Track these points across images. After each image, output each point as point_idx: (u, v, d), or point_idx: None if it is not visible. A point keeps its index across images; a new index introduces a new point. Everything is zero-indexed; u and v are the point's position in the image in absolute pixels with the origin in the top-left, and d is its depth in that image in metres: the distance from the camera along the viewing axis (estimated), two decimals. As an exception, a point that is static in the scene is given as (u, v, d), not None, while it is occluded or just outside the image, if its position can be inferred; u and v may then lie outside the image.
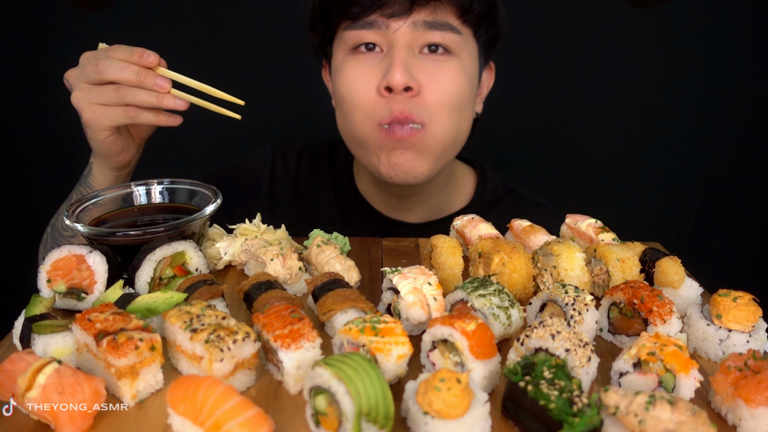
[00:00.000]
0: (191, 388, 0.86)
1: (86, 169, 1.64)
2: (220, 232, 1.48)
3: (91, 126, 1.45)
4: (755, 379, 0.91)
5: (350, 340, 0.98)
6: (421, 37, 1.55)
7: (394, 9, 1.52)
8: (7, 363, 0.91)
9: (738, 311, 1.09)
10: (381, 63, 1.57)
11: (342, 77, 1.63)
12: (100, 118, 1.42)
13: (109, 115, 1.42)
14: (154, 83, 1.38)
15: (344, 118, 1.67)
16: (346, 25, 1.60)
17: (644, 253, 1.33)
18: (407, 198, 1.86)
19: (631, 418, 0.84)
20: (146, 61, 1.38)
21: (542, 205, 2.02)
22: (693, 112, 2.92)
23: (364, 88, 1.58)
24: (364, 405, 0.82)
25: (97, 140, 1.48)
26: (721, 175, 3.03)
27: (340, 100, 1.66)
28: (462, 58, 1.61)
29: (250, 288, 1.17)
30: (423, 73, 1.56)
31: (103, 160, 1.56)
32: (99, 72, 1.38)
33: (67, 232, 1.68)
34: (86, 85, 1.42)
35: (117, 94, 1.39)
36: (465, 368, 0.97)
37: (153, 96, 1.39)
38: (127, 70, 1.37)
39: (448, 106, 1.59)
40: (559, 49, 2.78)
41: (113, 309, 1.00)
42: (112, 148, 1.51)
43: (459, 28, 1.58)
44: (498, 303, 1.11)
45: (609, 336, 1.18)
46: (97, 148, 1.52)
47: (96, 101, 1.41)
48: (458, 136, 1.69)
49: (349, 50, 1.62)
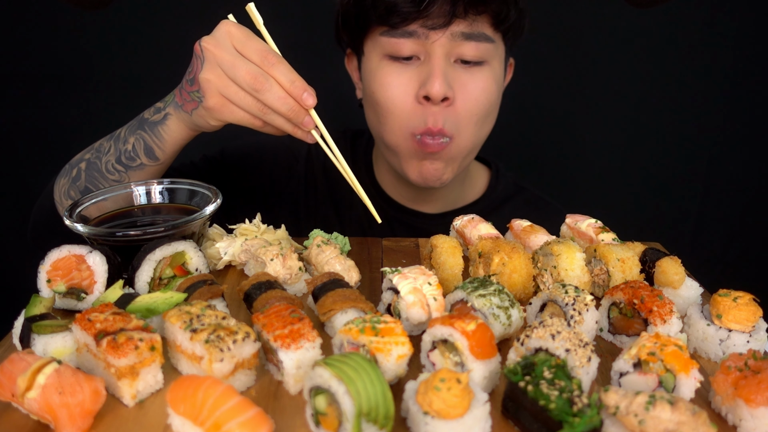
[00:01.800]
0: (191, 388, 0.86)
1: (155, 115, 1.51)
2: (220, 232, 1.48)
3: (211, 113, 1.35)
4: (755, 379, 0.91)
5: (350, 340, 0.98)
6: (458, 47, 1.58)
7: (434, 21, 1.54)
8: (7, 363, 0.91)
9: (738, 311, 1.09)
10: (418, 71, 1.60)
11: (378, 83, 1.65)
12: (226, 113, 1.33)
13: (236, 115, 1.33)
14: (301, 122, 1.32)
15: (378, 122, 1.71)
16: (383, 31, 1.60)
17: (644, 253, 1.33)
18: (424, 192, 1.91)
19: (631, 418, 0.84)
20: (304, 102, 1.29)
21: (551, 205, 2.06)
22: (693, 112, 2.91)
23: (400, 96, 1.61)
24: (364, 405, 0.82)
25: (206, 122, 1.40)
26: (721, 175, 3.03)
27: (374, 104, 1.69)
28: (493, 64, 1.66)
29: (250, 288, 1.17)
30: (457, 82, 1.60)
31: (192, 124, 1.46)
32: (254, 89, 1.27)
33: (112, 176, 1.55)
34: (227, 79, 1.29)
35: (258, 110, 1.30)
36: (465, 368, 0.97)
37: (291, 127, 1.33)
38: (283, 101, 1.28)
39: (476, 116, 1.65)
40: (559, 49, 2.78)
41: (113, 309, 1.00)
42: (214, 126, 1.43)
43: (493, 36, 1.61)
44: (498, 303, 1.11)
45: (609, 336, 1.18)
46: (198, 123, 1.43)
47: (232, 100, 1.31)
48: (481, 142, 1.76)
49: (384, 55, 1.63)
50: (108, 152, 1.57)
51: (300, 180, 2.00)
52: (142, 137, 1.53)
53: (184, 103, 1.43)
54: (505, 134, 2.76)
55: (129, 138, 1.54)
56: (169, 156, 1.56)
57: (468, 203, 1.99)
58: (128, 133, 1.55)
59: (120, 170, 1.56)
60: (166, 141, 1.51)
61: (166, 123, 1.49)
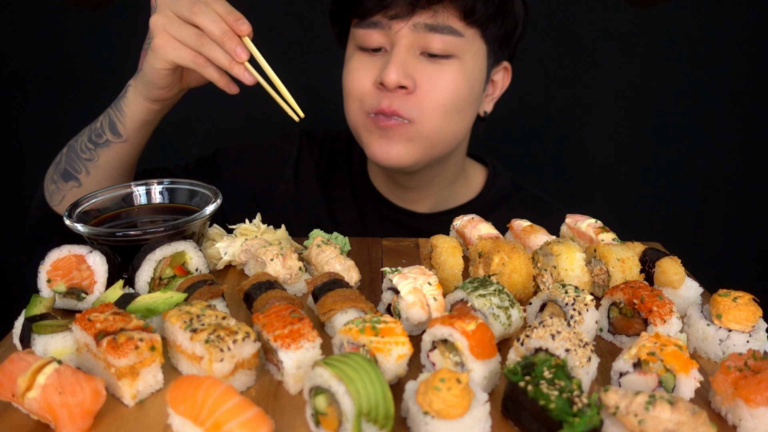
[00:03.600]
0: (191, 388, 0.86)
1: (121, 92, 1.61)
2: (220, 232, 1.48)
3: (156, 52, 1.43)
4: (755, 379, 0.91)
5: (350, 340, 0.98)
6: (422, 39, 1.59)
7: (396, 11, 1.57)
8: (7, 363, 0.91)
9: (738, 311, 1.09)
10: (382, 61, 1.64)
11: (346, 70, 1.72)
12: (169, 50, 1.40)
13: (179, 52, 1.40)
14: (234, 48, 1.37)
15: (345, 108, 1.76)
16: (356, 23, 1.67)
17: (644, 253, 1.33)
18: (413, 190, 1.92)
19: (631, 418, 0.84)
20: (237, 27, 1.38)
21: (551, 204, 2.05)
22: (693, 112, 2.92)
23: (360, 81, 1.66)
24: (364, 405, 0.82)
25: (153, 67, 1.46)
26: (721, 176, 3.03)
27: (343, 91, 1.75)
28: (464, 59, 1.63)
29: (250, 288, 1.17)
30: (421, 73, 1.61)
31: (145, 87, 1.53)
32: (191, 12, 1.37)
33: (84, 155, 1.65)
34: (172, 15, 1.40)
35: (196, 40, 1.38)
36: (465, 368, 0.97)
37: (227, 59, 1.38)
38: (217, 24, 1.37)
39: (443, 107, 1.63)
40: (559, 49, 2.78)
41: (113, 309, 1.00)
42: (161, 80, 1.49)
43: (462, 30, 1.60)
44: (498, 303, 1.11)
45: (609, 336, 1.18)
46: (148, 72, 1.49)
47: (174, 34, 1.40)
48: (453, 136, 1.72)
49: (357, 47, 1.69)
50: (83, 133, 1.66)
51: (290, 181, 2.02)
52: (107, 113, 1.62)
53: (140, 62, 1.52)
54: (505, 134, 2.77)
55: (99, 118, 1.64)
56: (132, 132, 1.60)
57: (463, 202, 1.99)
58: (101, 115, 1.64)
59: (90, 148, 1.62)
60: (126, 114, 1.58)
61: (126, 96, 1.58)
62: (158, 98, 1.54)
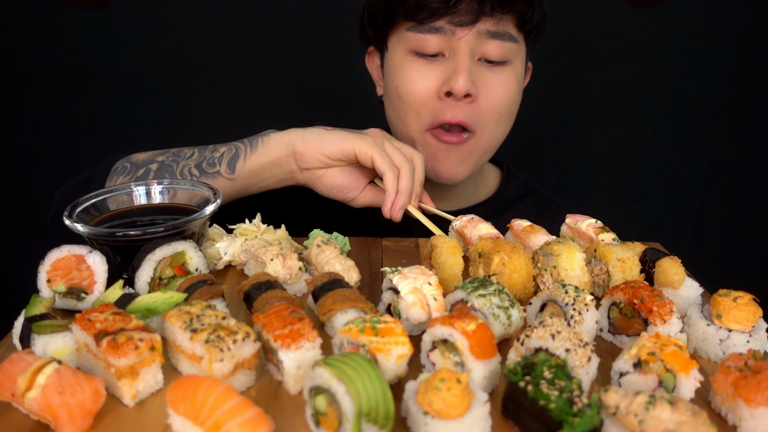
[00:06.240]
0: (191, 388, 0.86)
1: (262, 133, 1.56)
2: (220, 232, 1.48)
3: (365, 139, 1.47)
4: (755, 379, 0.91)
5: (350, 340, 0.98)
6: (482, 45, 1.60)
7: (461, 18, 1.55)
8: (7, 363, 0.91)
9: (738, 311, 1.09)
10: (443, 68, 1.61)
11: (401, 78, 1.67)
12: (378, 149, 1.46)
13: (383, 155, 1.46)
14: (417, 195, 1.52)
15: (397, 117, 1.73)
16: (410, 26, 1.62)
17: (644, 253, 1.33)
18: (440, 189, 1.92)
19: (631, 418, 0.84)
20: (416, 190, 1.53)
21: (561, 206, 2.07)
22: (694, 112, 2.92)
23: (423, 91, 1.63)
24: (364, 405, 0.82)
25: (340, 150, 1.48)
26: (721, 176, 3.03)
27: (395, 99, 1.70)
28: (515, 64, 1.67)
29: (250, 288, 1.17)
30: (481, 80, 1.62)
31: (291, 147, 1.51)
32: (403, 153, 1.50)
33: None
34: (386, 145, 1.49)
35: (403, 159, 1.48)
36: (465, 368, 0.97)
37: (408, 190, 1.47)
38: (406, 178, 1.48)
39: (498, 114, 1.65)
40: (559, 49, 2.78)
41: (113, 309, 1.00)
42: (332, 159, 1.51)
43: (516, 36, 1.62)
44: (498, 303, 1.11)
45: (609, 336, 1.18)
46: (331, 141, 1.49)
47: (381, 146, 1.48)
48: (500, 142, 1.76)
49: (410, 51, 1.65)
50: (190, 157, 1.59)
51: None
52: (235, 146, 1.56)
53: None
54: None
55: (220, 147, 1.58)
56: (245, 174, 1.55)
57: (479, 201, 2.00)
58: (222, 145, 1.59)
59: (194, 175, 1.57)
60: (258, 153, 1.53)
61: (269, 134, 1.54)
62: (305, 164, 1.53)
